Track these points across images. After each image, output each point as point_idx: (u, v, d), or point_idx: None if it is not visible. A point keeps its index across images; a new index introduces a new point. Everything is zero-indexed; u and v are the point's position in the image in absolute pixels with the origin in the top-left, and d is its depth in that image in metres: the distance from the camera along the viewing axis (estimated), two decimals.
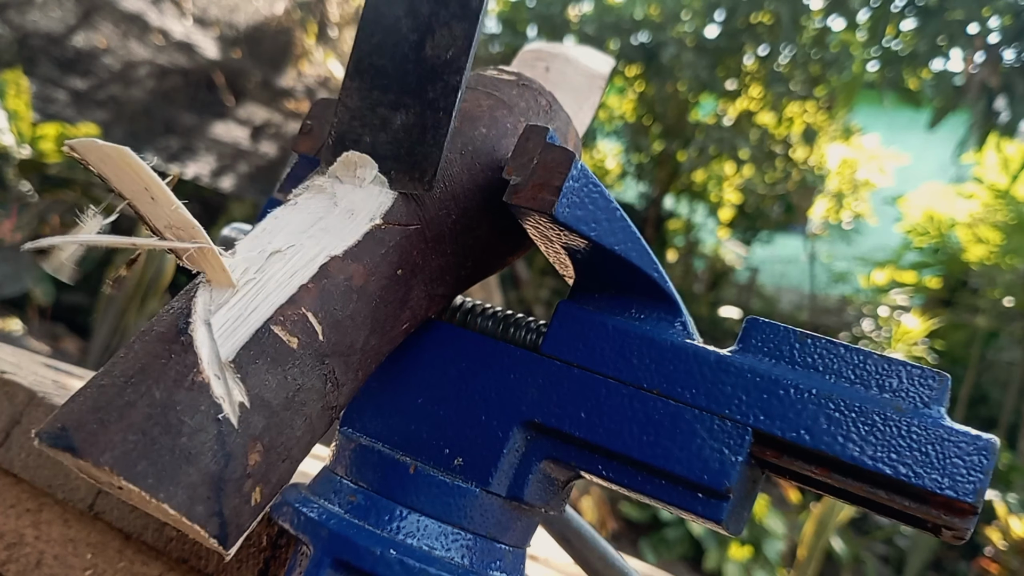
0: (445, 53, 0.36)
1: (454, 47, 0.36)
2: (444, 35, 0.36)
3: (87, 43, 3.75)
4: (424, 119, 0.36)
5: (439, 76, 0.36)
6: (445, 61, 0.36)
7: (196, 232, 0.30)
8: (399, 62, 0.37)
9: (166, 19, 3.97)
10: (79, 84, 3.82)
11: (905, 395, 0.34)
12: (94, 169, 0.30)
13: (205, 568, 0.50)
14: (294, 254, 0.33)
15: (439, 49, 0.36)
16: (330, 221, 0.35)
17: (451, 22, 0.36)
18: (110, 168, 0.30)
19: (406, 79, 0.36)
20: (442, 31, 0.36)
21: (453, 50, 0.36)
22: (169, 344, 0.29)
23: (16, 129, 3.51)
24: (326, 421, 0.34)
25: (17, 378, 0.62)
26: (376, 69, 0.37)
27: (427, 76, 0.36)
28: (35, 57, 3.63)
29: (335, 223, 0.35)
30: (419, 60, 0.36)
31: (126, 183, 0.30)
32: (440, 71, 0.36)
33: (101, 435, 0.26)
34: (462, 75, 0.35)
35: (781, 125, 6.50)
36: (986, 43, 4.87)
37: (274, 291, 0.31)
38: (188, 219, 0.30)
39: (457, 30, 0.36)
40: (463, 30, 0.35)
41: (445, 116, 0.35)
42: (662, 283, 0.39)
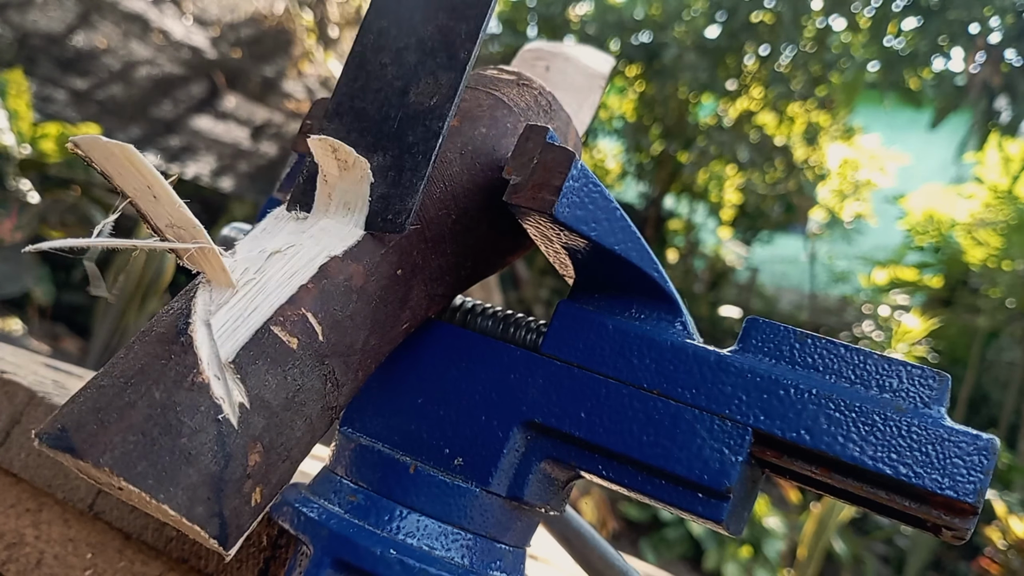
0: (429, 100, 0.35)
1: (438, 95, 0.35)
2: (429, 83, 0.36)
3: (87, 43, 3.75)
4: (402, 162, 0.35)
5: (421, 121, 0.36)
6: (428, 107, 0.35)
7: (197, 232, 0.30)
8: (381, 106, 0.36)
9: (166, 19, 3.97)
10: (79, 84, 3.82)
11: (905, 395, 0.34)
12: (97, 166, 0.30)
13: (205, 568, 0.50)
14: (294, 254, 0.33)
15: (423, 96, 0.36)
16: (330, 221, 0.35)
17: (437, 71, 0.36)
18: (113, 165, 0.30)
19: (386, 123, 0.36)
20: (427, 79, 0.36)
21: (437, 98, 0.35)
22: (169, 345, 0.29)
23: (16, 129, 3.51)
24: (326, 421, 0.34)
25: (17, 378, 0.62)
26: (357, 112, 0.37)
27: (409, 121, 0.36)
28: (35, 57, 3.63)
29: (335, 223, 0.35)
30: (402, 105, 0.36)
31: (129, 181, 0.30)
32: (422, 116, 0.36)
33: (101, 436, 0.26)
34: (444, 121, 0.35)
35: (782, 125, 6.50)
36: (987, 43, 4.87)
37: (274, 291, 0.31)
38: (190, 218, 0.30)
39: (443, 79, 0.36)
40: (449, 80, 0.35)
41: (424, 160, 0.35)
42: (662, 283, 0.39)
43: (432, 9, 0.37)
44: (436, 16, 0.37)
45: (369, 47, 0.38)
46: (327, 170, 0.33)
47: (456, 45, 0.36)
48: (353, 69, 0.38)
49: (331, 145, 0.32)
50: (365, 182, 0.34)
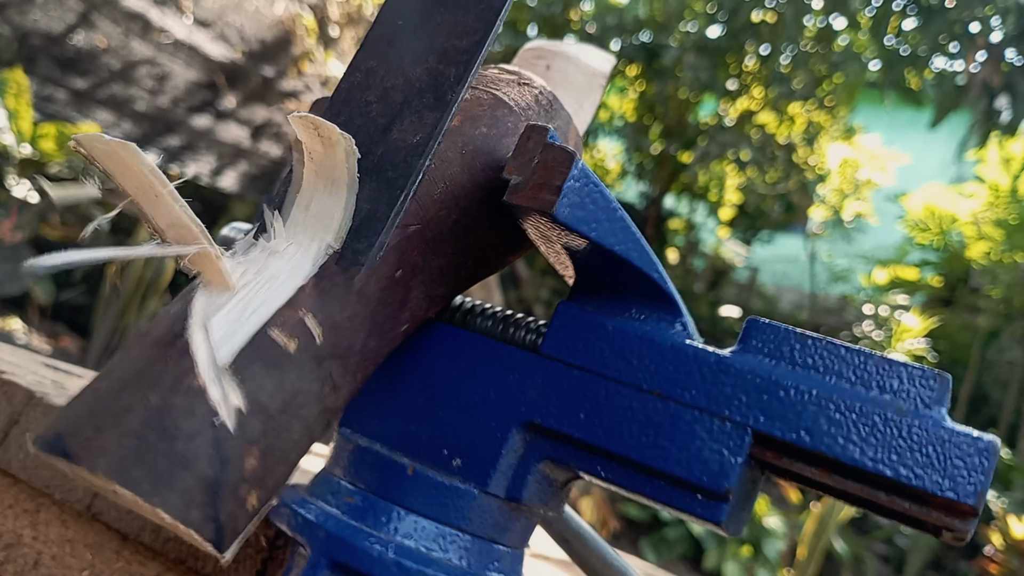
0: (412, 137, 0.35)
1: (421, 133, 0.35)
2: (413, 121, 0.35)
3: (87, 42, 3.75)
4: (379, 195, 0.35)
5: (402, 157, 0.35)
6: (411, 144, 0.35)
7: (197, 234, 0.30)
8: (362, 141, 0.36)
9: (167, 19, 3.97)
10: (79, 83, 3.82)
11: (906, 396, 0.34)
12: (99, 165, 0.30)
13: (202, 569, 0.50)
14: (293, 254, 0.33)
15: (406, 133, 0.35)
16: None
17: (423, 111, 0.36)
18: (115, 164, 0.29)
19: (367, 158, 0.36)
20: (412, 117, 0.36)
21: (420, 135, 0.35)
22: (165, 348, 0.29)
23: (16, 128, 3.51)
24: (324, 423, 0.33)
25: (15, 378, 0.61)
26: None
27: (389, 156, 0.35)
28: (35, 56, 3.63)
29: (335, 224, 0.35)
30: (384, 141, 0.36)
31: (130, 180, 0.30)
32: (404, 152, 0.35)
33: (96, 441, 0.26)
34: (426, 158, 0.35)
35: (782, 125, 6.50)
36: (988, 42, 4.87)
37: (273, 293, 0.31)
38: (191, 219, 0.30)
39: (428, 118, 0.35)
40: (434, 119, 0.35)
41: (401, 196, 0.34)
42: (662, 283, 0.39)
43: (423, 53, 0.37)
44: (426, 60, 0.37)
45: (356, 85, 0.38)
46: (311, 148, 0.33)
47: (444, 87, 0.36)
48: (337, 105, 0.38)
49: (312, 122, 0.32)
50: (352, 158, 0.33)
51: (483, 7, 0.37)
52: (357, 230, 0.34)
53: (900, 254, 6.72)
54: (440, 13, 0.38)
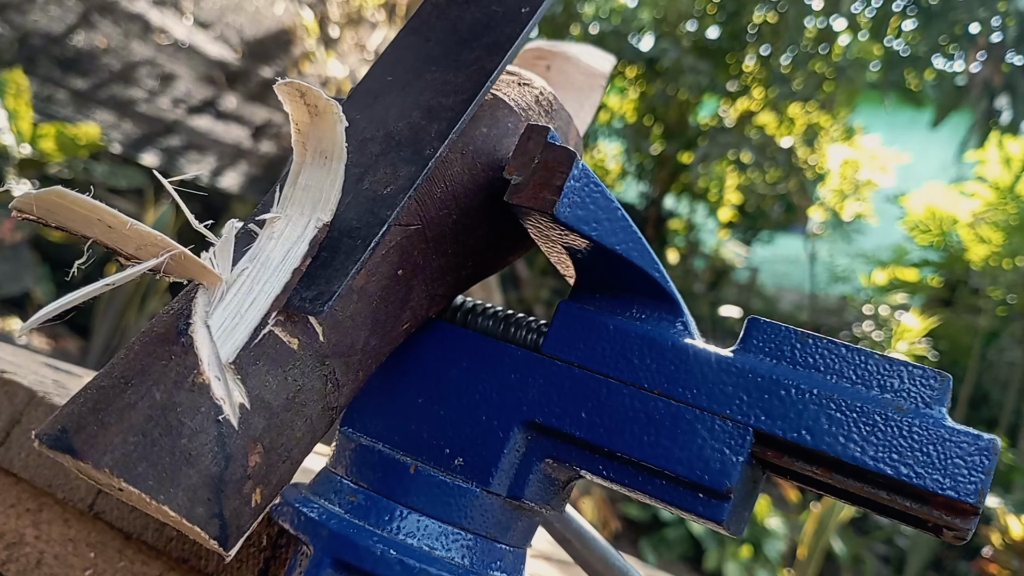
0: (383, 188, 0.34)
1: (394, 185, 0.34)
2: (387, 173, 0.34)
3: (87, 43, 3.75)
4: (338, 244, 0.33)
5: (369, 208, 0.33)
6: (380, 195, 0.33)
7: (162, 241, 0.30)
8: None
9: (166, 19, 3.97)
10: (79, 84, 3.82)
11: (906, 395, 0.34)
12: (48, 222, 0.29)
13: (205, 568, 0.50)
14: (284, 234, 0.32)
15: (377, 184, 0.34)
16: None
17: (398, 163, 0.34)
18: (59, 214, 0.29)
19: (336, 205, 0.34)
20: (386, 169, 0.34)
21: (392, 187, 0.34)
22: (169, 346, 0.29)
23: (16, 128, 3.51)
24: (326, 421, 0.34)
25: (17, 377, 0.62)
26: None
27: (356, 206, 0.34)
28: (35, 56, 3.63)
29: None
30: (354, 191, 0.34)
31: (78, 222, 0.29)
32: (372, 204, 0.33)
33: (101, 437, 0.26)
34: (394, 211, 0.33)
35: (782, 126, 6.50)
36: (988, 43, 4.87)
37: (268, 279, 0.31)
38: (148, 232, 0.29)
39: (403, 171, 0.34)
40: (409, 173, 0.34)
41: (362, 246, 0.32)
42: (663, 283, 0.39)
43: (408, 108, 0.36)
44: (410, 115, 0.36)
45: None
46: (297, 118, 0.32)
47: (424, 142, 0.34)
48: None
49: (298, 89, 0.31)
50: (339, 125, 0.32)
51: (475, 68, 0.36)
52: (309, 276, 0.32)
53: (900, 254, 6.72)
54: (431, 72, 0.37)
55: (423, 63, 0.38)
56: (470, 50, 0.37)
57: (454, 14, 0.39)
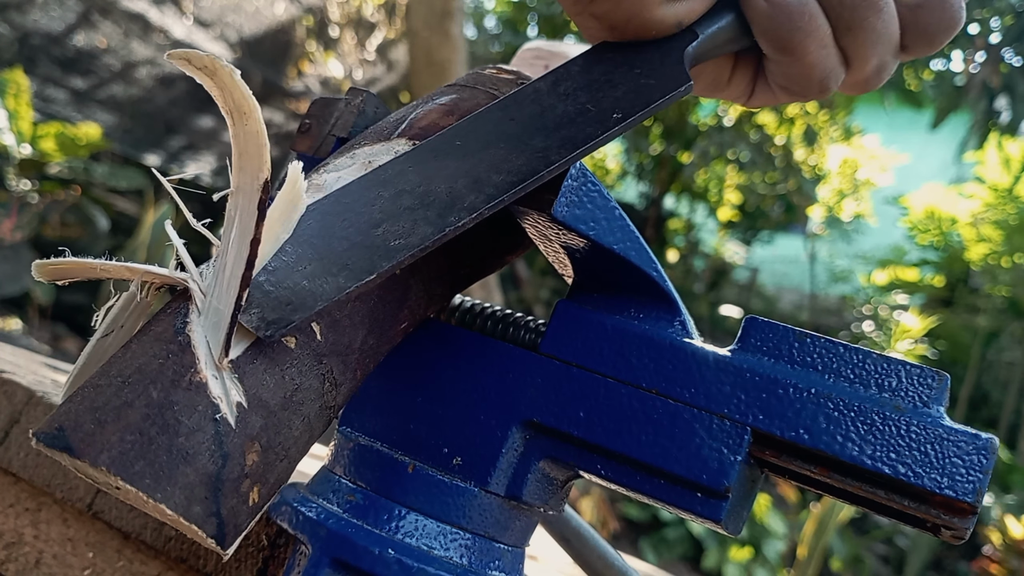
0: (392, 240, 0.33)
1: (403, 240, 0.33)
2: (404, 226, 0.33)
3: (87, 42, 3.75)
4: (324, 274, 0.32)
5: (371, 254, 0.32)
6: (387, 246, 0.32)
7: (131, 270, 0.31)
8: (348, 226, 0.34)
9: (166, 19, 3.97)
10: (79, 84, 3.82)
11: (904, 394, 0.34)
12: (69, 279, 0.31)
13: (204, 567, 0.50)
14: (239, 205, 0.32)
15: (389, 235, 0.33)
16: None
17: (419, 222, 0.33)
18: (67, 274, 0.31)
19: (340, 241, 0.33)
20: (405, 223, 0.33)
21: (400, 242, 0.33)
22: (166, 344, 0.29)
23: (16, 128, 3.52)
24: (324, 421, 0.34)
25: (16, 377, 0.62)
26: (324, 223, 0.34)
27: (355, 248, 0.33)
28: (35, 56, 3.63)
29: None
30: (363, 233, 0.33)
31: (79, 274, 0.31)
32: (375, 250, 0.32)
33: (98, 435, 0.26)
34: (388, 263, 0.32)
35: (782, 126, 6.50)
36: (987, 43, 4.88)
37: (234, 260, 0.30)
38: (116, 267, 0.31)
39: (419, 231, 0.33)
40: (423, 235, 0.33)
41: (343, 286, 0.31)
42: (661, 282, 0.39)
43: (458, 174, 0.35)
44: (456, 181, 0.35)
45: (378, 180, 0.36)
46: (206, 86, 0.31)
47: (453, 210, 0.33)
48: (356, 190, 0.36)
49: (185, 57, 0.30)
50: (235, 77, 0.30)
51: (539, 156, 0.35)
52: (280, 301, 0.30)
53: (900, 255, 6.73)
54: (498, 148, 0.36)
55: (495, 138, 0.37)
56: (544, 138, 0.36)
57: (547, 103, 0.38)
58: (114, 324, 0.32)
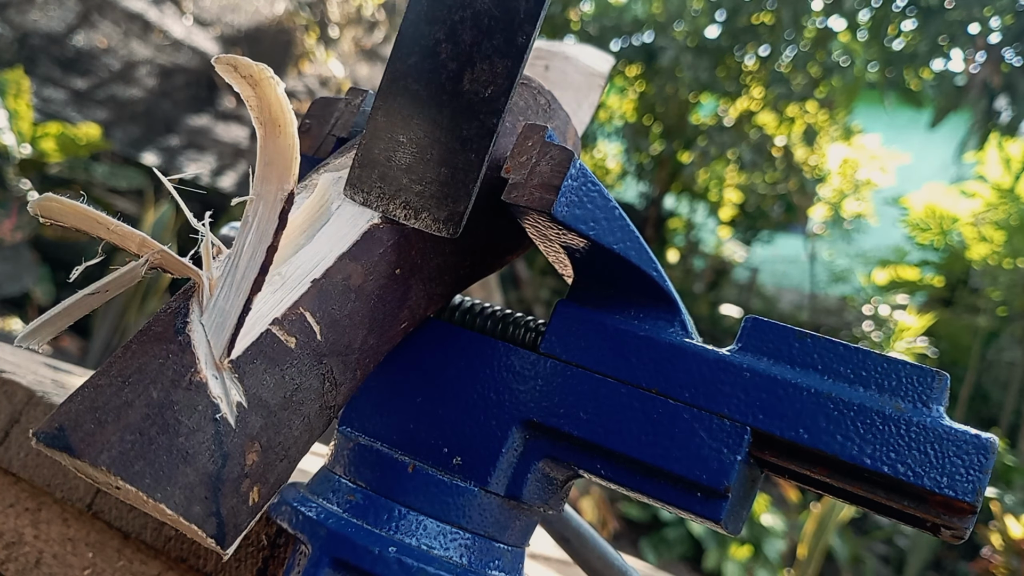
0: (484, 90, 0.33)
1: (494, 85, 0.33)
2: (484, 70, 0.33)
3: (87, 42, 3.75)
4: (455, 159, 0.33)
5: (475, 114, 0.33)
6: (483, 99, 0.33)
7: (145, 240, 0.31)
8: (435, 91, 0.34)
9: (166, 19, 3.97)
10: (79, 84, 3.82)
11: (904, 394, 0.34)
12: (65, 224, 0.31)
13: (204, 567, 0.50)
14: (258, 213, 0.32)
15: (478, 84, 0.33)
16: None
17: (493, 56, 0.33)
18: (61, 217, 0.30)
19: (441, 111, 0.34)
20: (483, 64, 0.33)
21: (493, 88, 0.33)
22: (167, 344, 0.29)
23: (16, 128, 3.51)
24: (324, 420, 0.34)
25: (16, 377, 0.62)
26: (411, 93, 0.35)
27: (463, 111, 0.33)
28: (35, 56, 3.63)
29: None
30: (456, 92, 0.34)
31: (83, 223, 0.30)
32: (477, 109, 0.33)
33: (98, 435, 0.26)
34: (499, 117, 0.33)
35: (782, 125, 6.50)
36: (987, 43, 4.87)
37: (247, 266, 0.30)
38: (131, 231, 0.30)
39: (499, 66, 0.33)
40: (505, 68, 0.33)
41: (477, 159, 0.33)
42: (661, 282, 0.39)
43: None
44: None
45: (422, 17, 0.35)
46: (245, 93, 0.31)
47: (514, 26, 0.33)
48: (407, 42, 0.35)
49: (231, 63, 0.30)
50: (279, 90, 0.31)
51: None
52: (436, 197, 0.33)
53: (899, 254, 6.73)
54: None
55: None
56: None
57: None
58: (104, 287, 0.32)
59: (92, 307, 0.33)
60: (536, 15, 0.33)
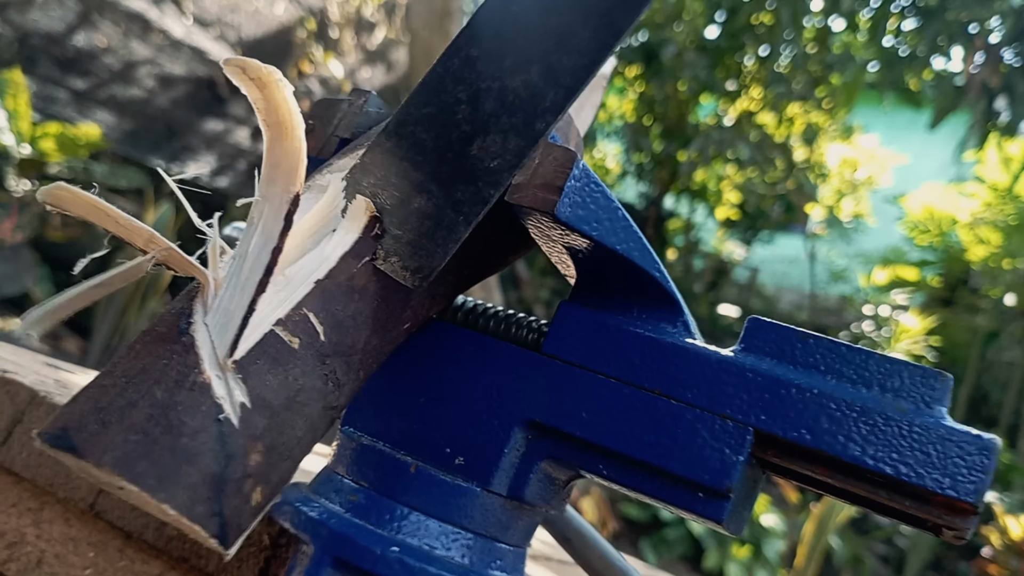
0: (491, 160, 0.33)
1: (501, 159, 0.33)
2: (497, 142, 0.33)
3: (87, 42, 3.75)
4: (442, 216, 0.33)
5: (475, 180, 0.33)
6: (487, 168, 0.33)
7: (153, 236, 0.31)
8: (441, 146, 0.34)
9: (166, 19, 3.97)
10: (79, 84, 3.82)
11: (907, 395, 0.34)
12: (73, 214, 0.31)
13: (206, 567, 0.50)
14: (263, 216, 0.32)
15: (486, 153, 0.33)
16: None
17: (509, 132, 0.33)
18: (70, 207, 0.30)
19: (441, 167, 0.34)
20: (496, 136, 0.33)
21: (499, 161, 0.33)
22: (170, 344, 0.29)
23: (16, 128, 3.51)
24: (327, 421, 0.34)
25: (19, 377, 0.62)
26: (416, 140, 0.34)
27: (463, 174, 0.33)
28: (35, 56, 3.63)
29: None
30: (462, 154, 0.33)
31: (91, 214, 0.30)
32: (478, 176, 0.33)
33: (102, 436, 0.26)
34: (497, 191, 0.33)
35: (781, 125, 6.50)
36: (987, 43, 4.87)
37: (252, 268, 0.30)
38: (140, 226, 0.30)
39: (511, 143, 0.33)
40: (517, 146, 0.33)
41: (464, 224, 0.33)
42: (664, 283, 0.39)
43: (526, 60, 0.33)
44: (528, 69, 0.33)
45: (451, 74, 0.35)
46: (252, 95, 0.31)
47: (537, 112, 0.33)
48: (427, 93, 0.35)
49: (239, 65, 0.30)
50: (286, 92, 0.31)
51: (602, 24, 0.33)
52: (413, 246, 0.33)
53: (899, 255, 6.73)
54: (556, 14, 0.33)
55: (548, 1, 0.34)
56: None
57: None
58: (109, 280, 0.32)
59: (95, 299, 0.33)
60: (561, 108, 0.33)
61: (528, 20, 0.34)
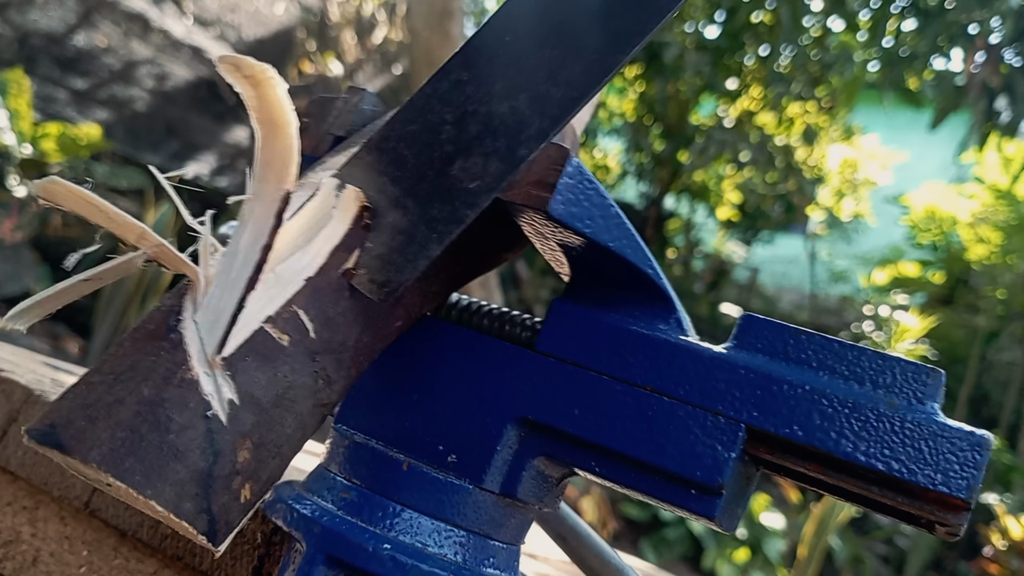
0: (470, 181, 0.33)
1: (481, 180, 0.33)
2: (478, 164, 0.33)
3: (88, 42, 3.75)
4: (415, 232, 0.33)
5: (452, 199, 0.33)
6: (465, 189, 0.33)
7: (144, 233, 0.31)
8: (422, 163, 0.34)
9: (167, 19, 3.97)
10: (80, 84, 3.83)
11: (899, 391, 0.34)
12: (65, 208, 0.31)
13: (200, 566, 0.50)
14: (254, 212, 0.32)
15: (465, 174, 0.33)
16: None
17: (491, 156, 0.33)
18: (63, 201, 0.30)
19: (420, 183, 0.33)
20: (478, 159, 0.33)
21: (479, 183, 0.33)
22: (159, 341, 0.29)
23: (17, 129, 3.52)
24: (318, 418, 0.34)
25: (14, 376, 0.62)
26: (397, 156, 0.34)
27: (441, 192, 0.33)
28: (36, 56, 3.63)
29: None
30: (441, 172, 0.33)
31: (83, 209, 0.30)
32: (455, 195, 0.33)
33: (89, 432, 0.26)
34: (474, 212, 0.33)
35: (782, 125, 6.50)
36: (987, 43, 4.87)
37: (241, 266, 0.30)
38: (131, 222, 0.30)
39: (492, 167, 0.33)
40: (498, 170, 0.33)
41: (436, 242, 0.32)
42: (657, 280, 0.39)
43: (515, 88, 0.33)
44: (516, 97, 0.33)
45: (439, 95, 0.35)
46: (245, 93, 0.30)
47: (521, 139, 0.33)
48: (413, 111, 0.35)
49: (233, 62, 0.30)
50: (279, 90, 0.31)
51: (594, 59, 0.33)
52: (383, 259, 0.33)
53: (899, 255, 6.73)
54: (550, 47, 0.34)
55: (544, 32, 0.34)
56: (593, 36, 0.33)
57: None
58: (99, 274, 0.32)
59: (84, 293, 0.33)
60: (545, 136, 0.33)
61: (522, 49, 0.34)
